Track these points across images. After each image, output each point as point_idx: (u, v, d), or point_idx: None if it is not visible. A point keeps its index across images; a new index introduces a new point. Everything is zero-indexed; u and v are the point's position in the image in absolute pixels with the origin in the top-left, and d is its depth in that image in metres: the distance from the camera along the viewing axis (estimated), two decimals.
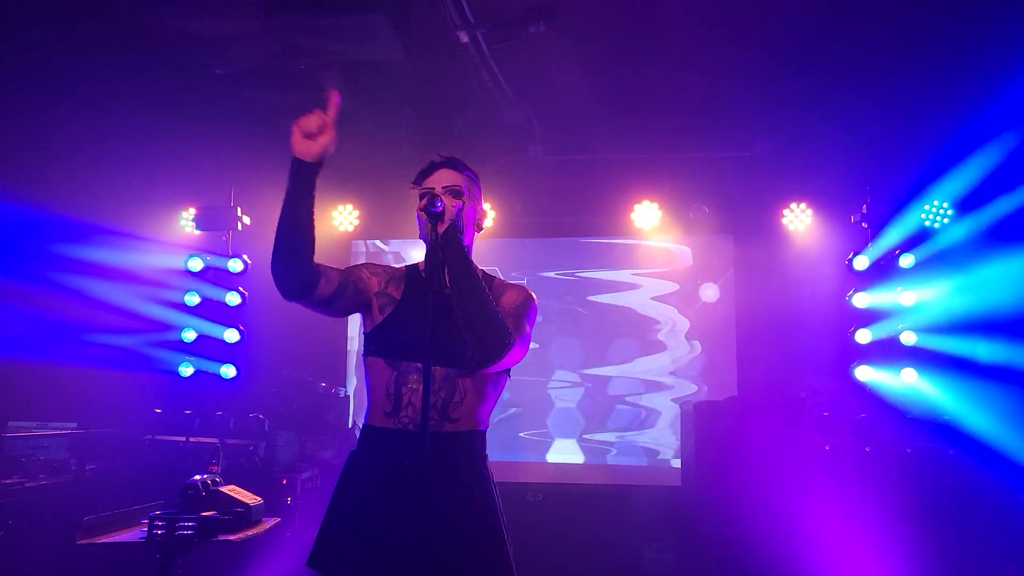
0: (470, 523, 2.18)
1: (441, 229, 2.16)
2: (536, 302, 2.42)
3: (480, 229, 2.43)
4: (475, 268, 2.23)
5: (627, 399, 6.64)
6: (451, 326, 2.16)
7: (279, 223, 2.13)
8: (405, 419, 2.22)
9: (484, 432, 2.34)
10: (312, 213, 2.14)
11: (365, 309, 2.37)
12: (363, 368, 2.36)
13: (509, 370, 2.39)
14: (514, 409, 6.68)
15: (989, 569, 4.67)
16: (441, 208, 2.16)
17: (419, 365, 2.23)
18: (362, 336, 2.41)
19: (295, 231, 2.12)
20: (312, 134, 2.10)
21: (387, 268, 2.45)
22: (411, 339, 2.24)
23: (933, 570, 4.58)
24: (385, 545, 2.11)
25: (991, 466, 4.87)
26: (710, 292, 6.68)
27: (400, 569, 2.06)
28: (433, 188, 2.32)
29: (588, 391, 6.69)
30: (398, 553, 2.07)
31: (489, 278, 2.42)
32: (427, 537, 2.08)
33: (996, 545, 4.72)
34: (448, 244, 2.16)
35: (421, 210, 2.17)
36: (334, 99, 2.15)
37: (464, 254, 2.20)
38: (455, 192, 2.33)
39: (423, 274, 2.32)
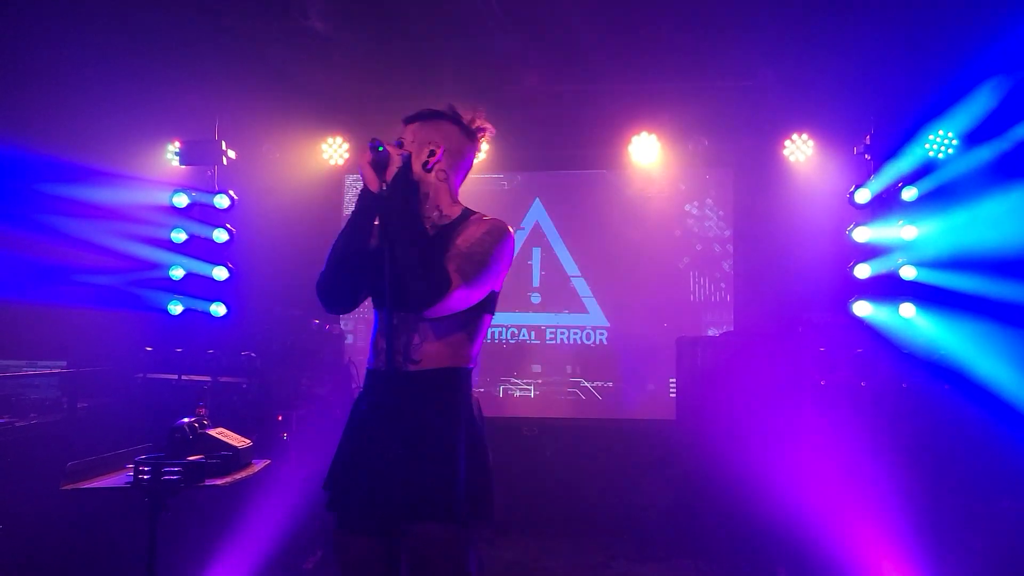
0: (423, 457, 2.27)
1: (389, 177, 2.28)
2: (507, 236, 2.40)
3: (430, 170, 2.42)
4: (418, 216, 2.34)
5: (624, 333, 6.60)
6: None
7: (344, 251, 2.35)
8: (383, 360, 2.35)
9: (458, 369, 2.37)
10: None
11: None
12: None
13: (490, 308, 2.42)
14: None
15: (982, 503, 4.71)
16: (385, 154, 2.28)
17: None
18: None
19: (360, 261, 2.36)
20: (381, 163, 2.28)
21: None
22: (378, 286, 2.38)
23: (925, 503, 4.62)
24: (366, 473, 2.30)
25: (986, 402, 4.86)
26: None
27: (376, 494, 2.27)
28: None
29: (586, 326, 6.65)
30: (371, 482, 2.29)
31: (467, 214, 2.46)
32: (391, 469, 2.25)
33: (989, 480, 4.75)
34: (398, 191, 2.28)
35: (368, 164, 2.29)
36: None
37: (408, 201, 2.30)
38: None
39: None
